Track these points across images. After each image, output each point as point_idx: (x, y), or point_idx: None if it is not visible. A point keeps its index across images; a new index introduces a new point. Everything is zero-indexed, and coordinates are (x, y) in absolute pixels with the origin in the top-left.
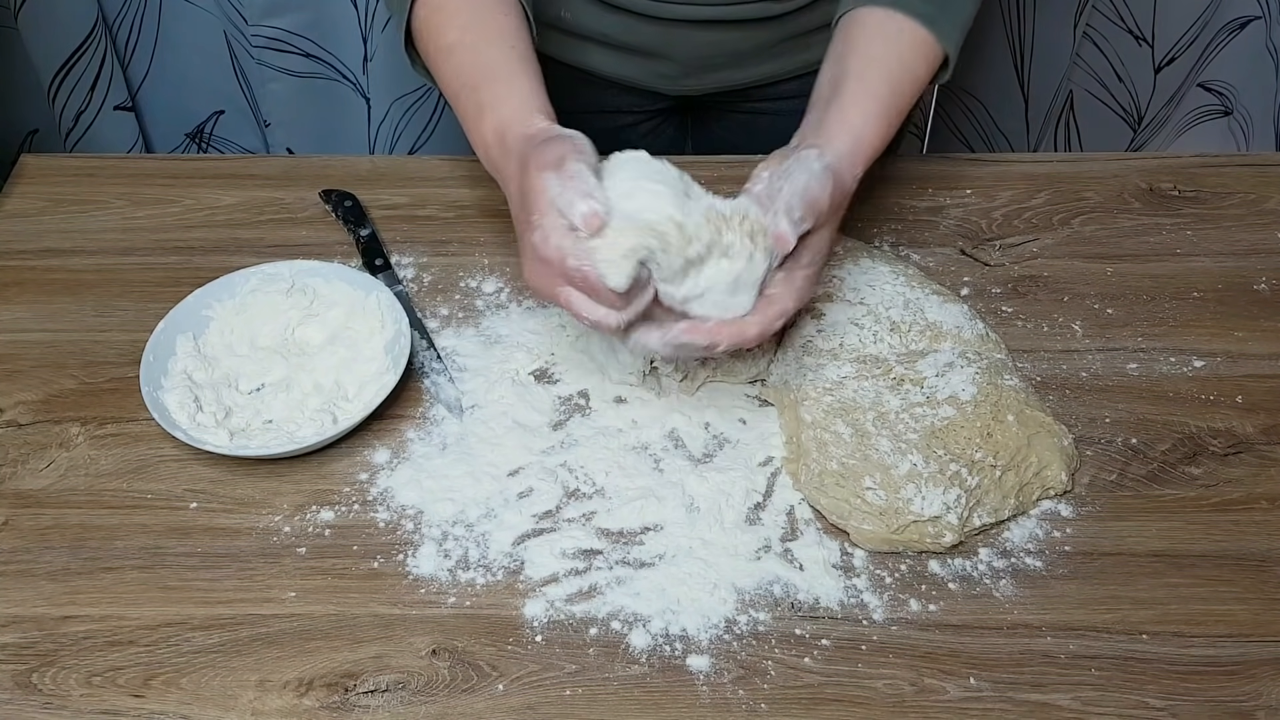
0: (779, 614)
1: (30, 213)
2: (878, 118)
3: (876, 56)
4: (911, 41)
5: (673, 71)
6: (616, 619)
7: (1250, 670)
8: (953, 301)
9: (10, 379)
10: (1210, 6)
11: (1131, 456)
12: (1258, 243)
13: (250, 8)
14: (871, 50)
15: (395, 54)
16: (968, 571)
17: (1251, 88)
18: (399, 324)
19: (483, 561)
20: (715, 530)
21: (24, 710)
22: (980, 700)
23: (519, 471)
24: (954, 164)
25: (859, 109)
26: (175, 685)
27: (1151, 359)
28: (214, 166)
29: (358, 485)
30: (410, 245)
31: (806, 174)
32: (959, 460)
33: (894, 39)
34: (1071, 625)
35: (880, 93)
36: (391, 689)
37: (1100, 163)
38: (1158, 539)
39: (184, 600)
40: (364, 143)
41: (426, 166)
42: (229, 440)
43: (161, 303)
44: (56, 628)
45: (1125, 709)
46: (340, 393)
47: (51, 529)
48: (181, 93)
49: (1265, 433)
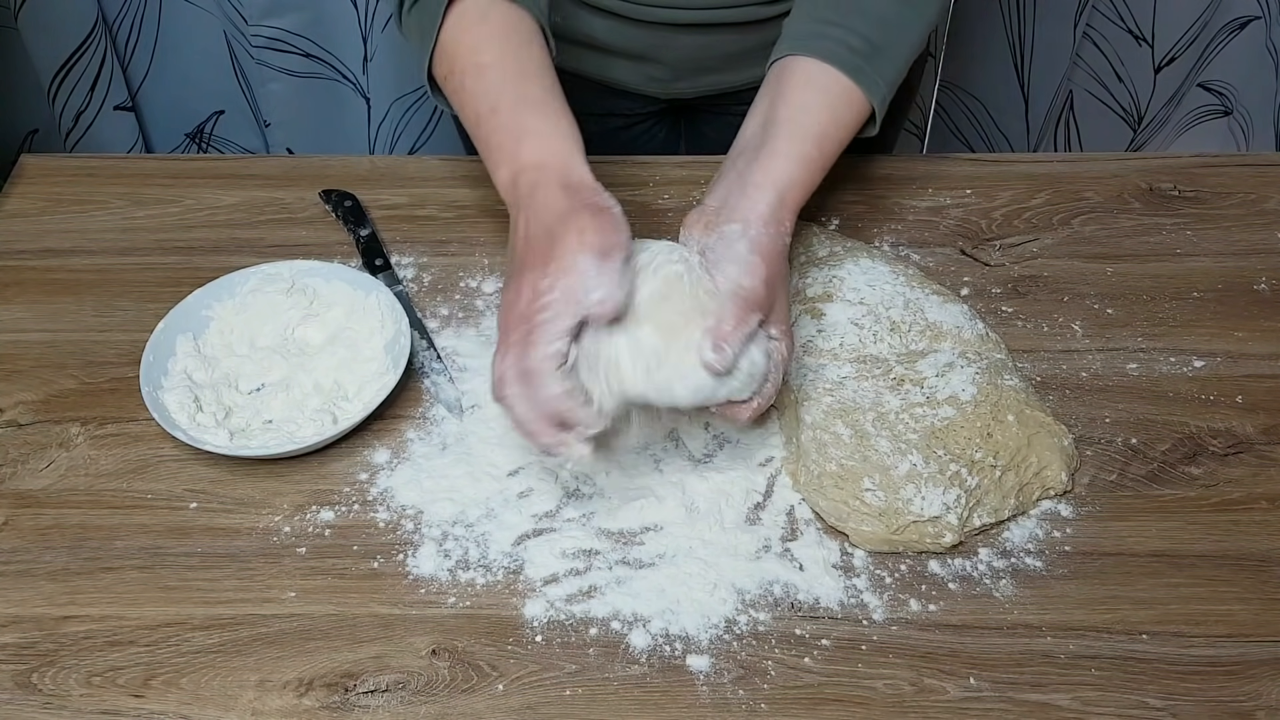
0: (779, 614)
1: (30, 213)
2: (804, 169)
3: (806, 109)
4: (840, 92)
5: (664, 75)
6: (616, 619)
7: (1250, 670)
8: (953, 301)
9: (10, 379)
10: (1210, 6)
11: (1131, 456)
12: (1258, 243)
13: (250, 8)
14: (802, 103)
15: (395, 54)
16: (968, 571)
17: (1251, 88)
18: (399, 324)
19: (483, 561)
20: (715, 530)
21: (24, 710)
22: (980, 700)
23: (519, 471)
24: (954, 164)
25: (788, 162)
26: (175, 685)
27: (1151, 359)
28: (214, 166)
29: (358, 485)
30: (410, 245)
31: (736, 264)
32: (959, 460)
33: (824, 93)
34: (1071, 625)
35: (808, 146)
36: (391, 689)
37: (1100, 163)
38: (1158, 539)
39: (184, 600)
40: (364, 143)
41: (426, 166)
42: (229, 440)
43: (161, 303)
44: (56, 628)
45: (1125, 709)
46: (340, 393)
47: (51, 529)
48: (181, 93)
49: (1265, 433)
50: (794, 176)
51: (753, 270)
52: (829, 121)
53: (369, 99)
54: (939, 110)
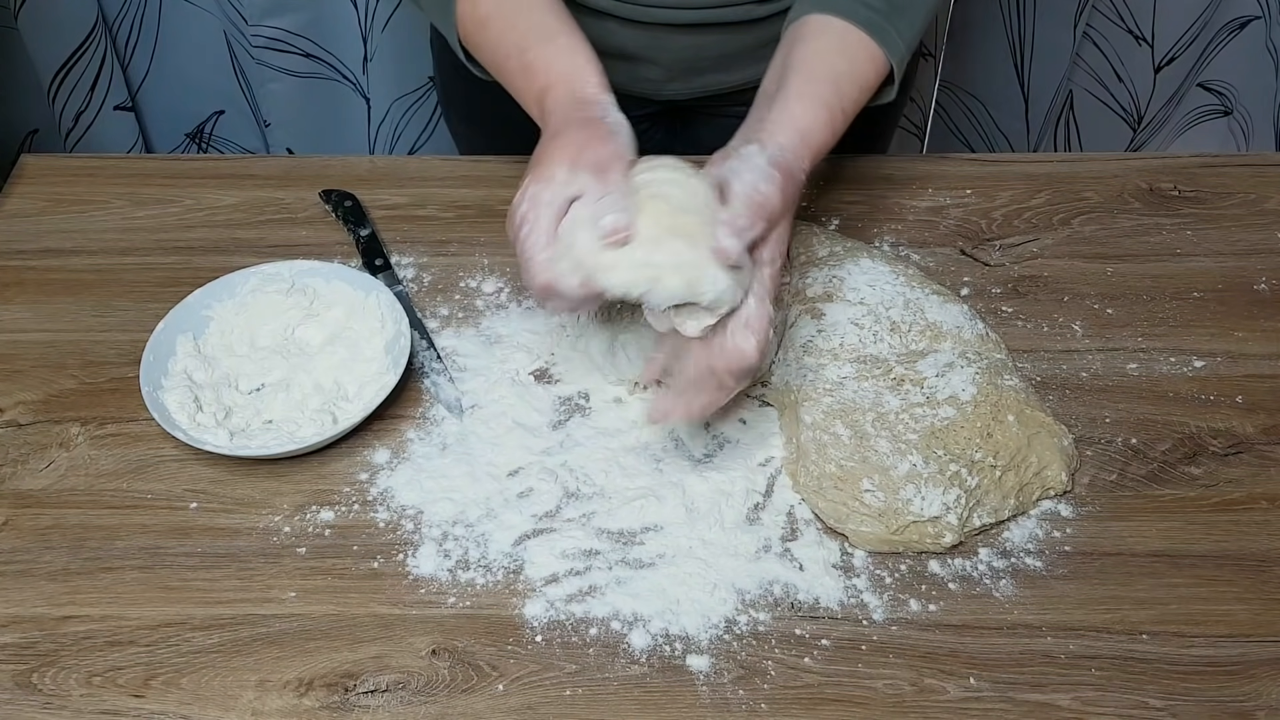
0: (779, 614)
1: (30, 213)
2: (822, 110)
3: (821, 54)
4: (859, 45)
5: (658, 76)
6: (616, 619)
7: (1250, 670)
8: (953, 301)
9: (10, 379)
10: (1210, 6)
11: (1131, 456)
12: (1258, 243)
13: (250, 8)
14: (817, 49)
15: (395, 54)
16: (968, 571)
17: (1251, 88)
18: (399, 324)
19: (483, 561)
20: (715, 530)
21: (24, 710)
22: (980, 700)
23: (519, 471)
24: (954, 164)
25: (802, 103)
26: (175, 685)
27: (1151, 359)
28: (214, 166)
29: (358, 485)
30: (410, 245)
31: (754, 173)
32: (959, 460)
33: (840, 41)
34: (1071, 625)
35: (824, 89)
36: (391, 689)
37: (1100, 163)
38: (1158, 539)
39: (184, 600)
40: (364, 143)
41: (426, 166)
42: (229, 440)
43: (161, 303)
44: (56, 628)
45: (1125, 709)
46: (340, 393)
47: (51, 529)
48: (181, 93)
49: (1265, 433)
50: (814, 117)
51: (770, 179)
52: (846, 71)
53: (369, 99)
54: (939, 110)
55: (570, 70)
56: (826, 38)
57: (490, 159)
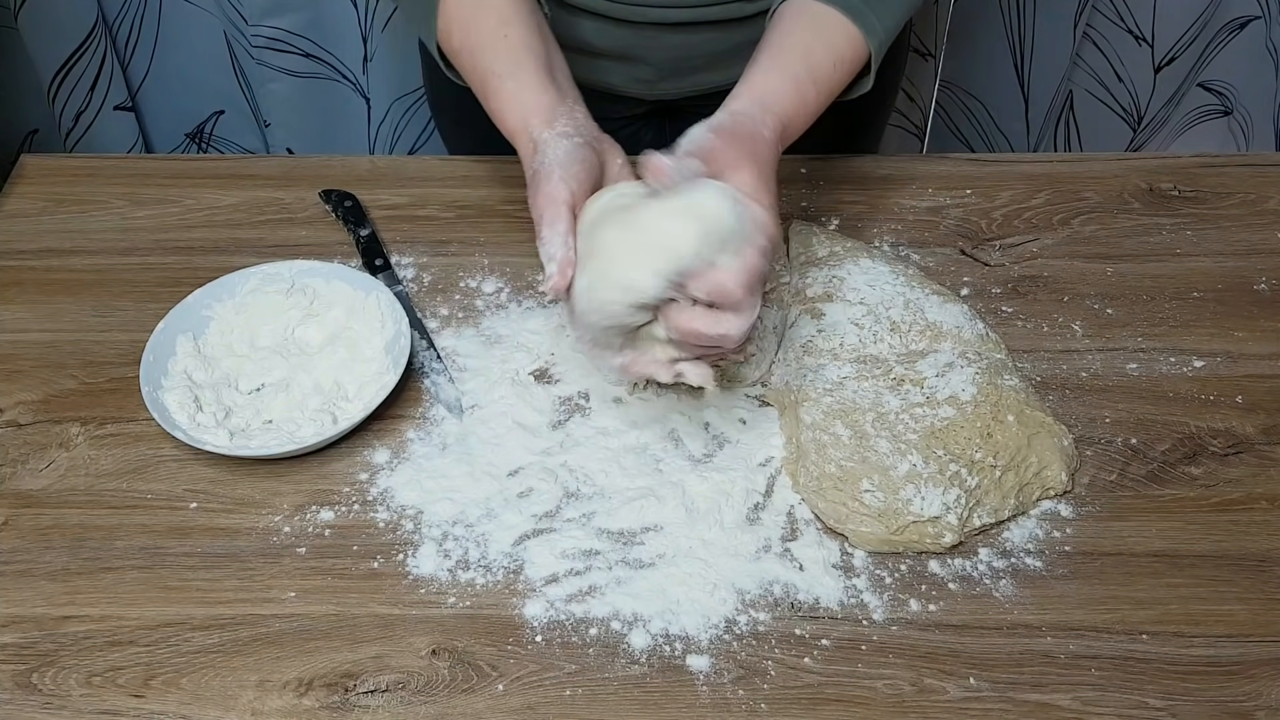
0: (779, 614)
1: (30, 213)
2: (786, 80)
3: (792, 33)
4: (835, 24)
5: (649, 75)
6: (616, 619)
7: (1250, 670)
8: (953, 301)
9: (10, 379)
10: (1210, 6)
11: (1131, 456)
12: (1258, 243)
13: (250, 8)
14: (789, 29)
15: (395, 54)
16: (968, 571)
17: (1251, 88)
18: (399, 324)
19: (483, 561)
20: (715, 530)
21: (24, 710)
22: (980, 700)
23: (519, 471)
24: (954, 164)
25: (765, 75)
26: (175, 685)
27: (1151, 359)
28: (214, 166)
29: (358, 485)
30: (410, 245)
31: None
32: (959, 460)
33: (814, 21)
34: (1071, 625)
35: (790, 59)
36: (391, 689)
37: (1100, 163)
38: (1158, 539)
39: (184, 600)
40: (364, 143)
41: (426, 166)
42: (229, 440)
43: (161, 303)
44: (56, 628)
45: (1125, 709)
46: (340, 393)
47: (51, 529)
48: (181, 93)
49: (1265, 433)
50: (777, 85)
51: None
52: (817, 45)
53: (369, 99)
54: (939, 110)
55: (519, 121)
56: (802, 19)
57: (490, 159)
